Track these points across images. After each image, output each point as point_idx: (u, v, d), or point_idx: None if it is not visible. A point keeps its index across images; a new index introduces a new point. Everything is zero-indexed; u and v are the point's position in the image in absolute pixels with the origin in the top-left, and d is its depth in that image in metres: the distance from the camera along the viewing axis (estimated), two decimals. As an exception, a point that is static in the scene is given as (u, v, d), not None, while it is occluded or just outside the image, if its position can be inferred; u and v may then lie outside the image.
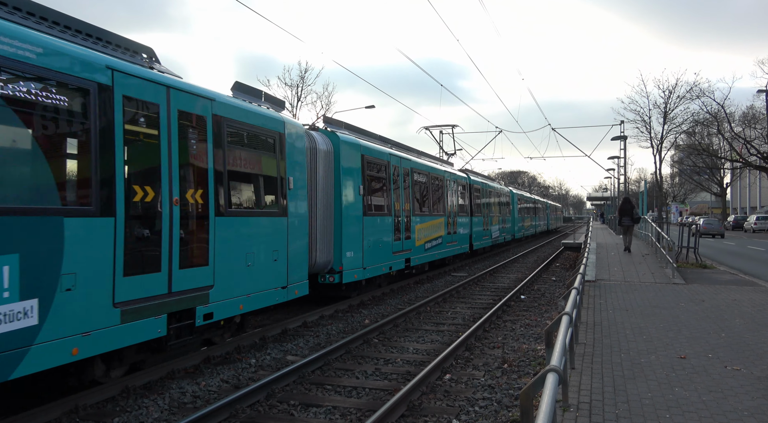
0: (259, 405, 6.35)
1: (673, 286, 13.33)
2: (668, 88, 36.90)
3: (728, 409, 5.15)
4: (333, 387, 7.05)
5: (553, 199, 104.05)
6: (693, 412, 5.11)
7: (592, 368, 6.54)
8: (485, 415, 6.05)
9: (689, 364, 6.67)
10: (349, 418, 6.03)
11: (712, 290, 12.77)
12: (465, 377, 7.42)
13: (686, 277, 14.99)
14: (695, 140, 49.57)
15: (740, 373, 6.29)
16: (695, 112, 41.24)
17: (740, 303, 11.02)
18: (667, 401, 5.38)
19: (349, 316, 11.67)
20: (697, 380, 6.05)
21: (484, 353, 8.74)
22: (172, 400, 6.46)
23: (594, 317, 9.52)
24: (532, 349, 8.85)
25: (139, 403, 6.31)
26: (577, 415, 5.04)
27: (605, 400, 5.44)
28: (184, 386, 6.91)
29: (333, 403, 6.41)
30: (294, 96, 36.27)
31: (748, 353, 7.16)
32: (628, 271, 16.26)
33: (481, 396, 6.64)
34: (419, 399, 6.52)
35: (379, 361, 8.27)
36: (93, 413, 6.02)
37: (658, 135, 36.43)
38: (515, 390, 6.79)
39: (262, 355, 8.43)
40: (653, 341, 7.82)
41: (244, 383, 7.14)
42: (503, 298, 13.27)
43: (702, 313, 9.95)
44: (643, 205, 40.49)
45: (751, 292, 12.53)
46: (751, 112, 47.08)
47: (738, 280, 14.79)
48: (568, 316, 5.43)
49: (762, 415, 5.00)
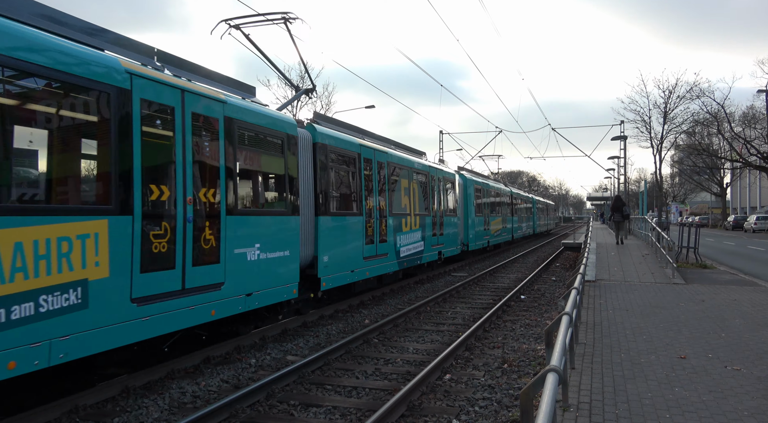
0: (259, 405, 6.35)
1: (673, 286, 13.33)
2: (668, 88, 36.98)
3: (728, 409, 5.15)
4: (333, 387, 7.05)
5: (553, 199, 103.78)
6: (693, 412, 5.11)
7: (592, 368, 6.54)
8: (485, 415, 6.05)
9: (689, 364, 6.66)
10: (349, 418, 6.03)
11: (712, 290, 12.77)
12: (465, 377, 7.42)
13: (686, 277, 14.98)
14: (695, 140, 49.54)
15: (740, 373, 6.28)
16: (695, 112, 41.28)
17: (740, 303, 11.02)
18: (667, 401, 5.38)
19: (349, 316, 11.67)
20: (697, 380, 6.05)
21: (484, 353, 8.74)
22: (172, 400, 6.46)
23: (594, 317, 9.52)
24: (532, 349, 8.85)
25: (139, 403, 6.31)
26: (577, 415, 5.04)
27: (605, 400, 5.44)
28: (184, 386, 6.91)
29: (333, 403, 6.41)
30: (294, 96, 36.27)
31: (748, 353, 7.16)
32: (628, 271, 16.26)
33: (481, 396, 6.63)
34: (419, 399, 6.52)
35: (379, 361, 8.27)
36: (93, 413, 6.02)
37: (658, 135, 36.46)
38: (515, 390, 6.79)
39: (262, 355, 8.43)
40: (653, 341, 7.82)
41: (244, 383, 7.14)
42: (503, 298, 13.27)
43: (702, 313, 9.95)
44: (643, 205, 40.50)
45: (751, 292, 12.53)
46: (751, 112, 47.06)
47: (738, 280, 14.79)
48: (568, 316, 5.43)
49: (762, 415, 4.99)
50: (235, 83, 9.28)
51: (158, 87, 6.79)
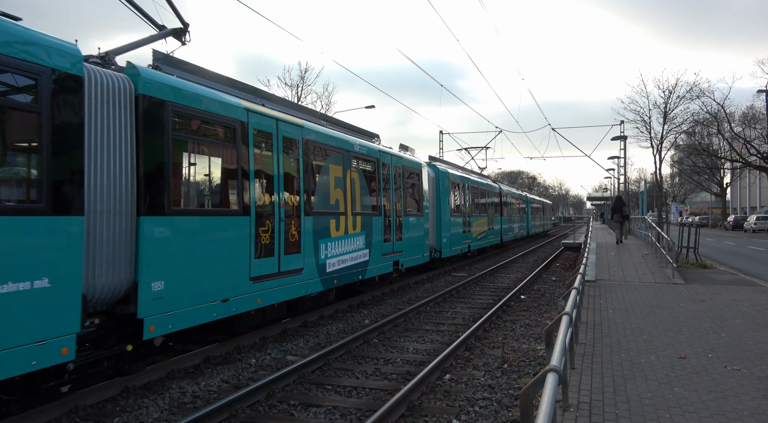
0: (259, 405, 6.35)
1: (673, 286, 13.32)
2: (668, 88, 36.61)
3: (728, 409, 5.15)
4: (333, 387, 7.05)
5: (553, 199, 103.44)
6: (693, 412, 5.10)
7: (592, 368, 6.53)
8: (485, 415, 6.05)
9: (689, 364, 6.66)
10: (349, 418, 6.03)
11: (712, 290, 12.76)
12: (465, 377, 7.41)
13: (686, 277, 14.98)
14: (695, 140, 49.51)
15: (740, 373, 6.28)
16: (695, 112, 41.12)
17: (740, 303, 11.02)
18: (667, 401, 5.38)
19: (349, 316, 11.67)
20: (697, 380, 6.04)
21: (484, 353, 8.74)
22: (172, 400, 6.46)
23: (594, 317, 9.52)
24: (532, 349, 8.85)
25: (139, 403, 6.31)
26: (577, 415, 5.04)
27: (605, 400, 5.44)
28: (184, 386, 6.91)
29: (333, 403, 6.41)
30: (294, 96, 36.16)
31: (748, 353, 7.16)
32: (628, 271, 16.26)
33: (481, 396, 6.63)
34: (419, 399, 6.51)
35: (379, 361, 8.27)
36: (93, 413, 6.02)
37: (658, 135, 36.22)
38: (515, 390, 6.78)
39: (262, 355, 8.43)
40: (653, 341, 7.82)
41: (244, 383, 7.14)
42: (503, 298, 13.26)
43: (702, 313, 9.95)
44: (643, 205, 40.49)
45: (751, 292, 12.53)
46: (751, 112, 47.04)
47: (738, 280, 14.79)
48: (568, 316, 5.43)
49: (762, 415, 4.99)
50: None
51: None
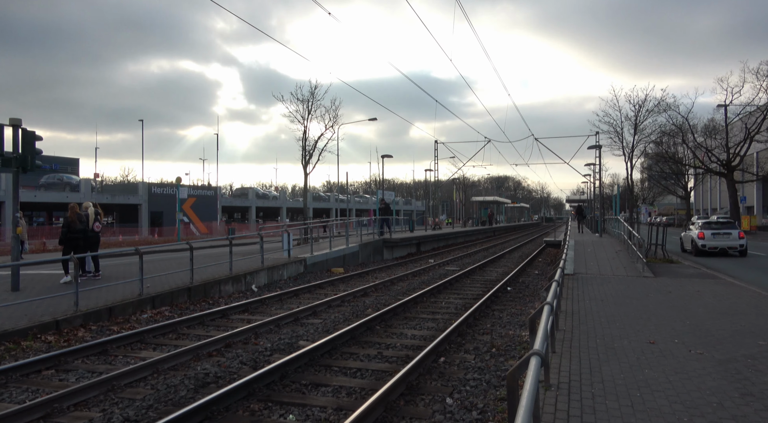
0: (274, 384, 6.35)
1: (643, 279, 13.30)
2: (638, 103, 36.72)
3: (692, 389, 5.14)
4: (340, 369, 7.04)
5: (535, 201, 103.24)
6: (661, 391, 5.10)
7: (570, 352, 6.52)
8: (476, 394, 6.04)
9: (657, 349, 6.65)
10: (354, 396, 6.03)
11: (678, 283, 12.74)
12: (458, 360, 7.41)
13: (655, 270, 14.95)
14: (662, 149, 49.39)
15: (703, 357, 6.27)
16: (662, 124, 41.11)
17: (703, 294, 10.99)
18: (638, 381, 5.37)
19: (354, 305, 11.66)
20: (665, 363, 6.04)
21: (474, 339, 8.73)
22: (197, 380, 6.46)
23: (572, 306, 9.50)
24: (517, 335, 8.84)
25: (168, 383, 6.31)
26: (558, 393, 5.04)
27: (582, 380, 5.43)
28: (207, 367, 6.91)
29: (340, 383, 6.41)
30: (305, 109, 36.26)
31: (710, 339, 7.14)
32: (602, 265, 16.23)
33: (472, 377, 6.63)
34: (417, 379, 6.51)
35: (381, 346, 8.26)
36: (128, 390, 6.03)
37: (629, 144, 36.18)
38: (503, 371, 6.78)
39: (277, 340, 8.43)
40: (625, 328, 7.80)
41: (261, 365, 7.14)
42: (491, 290, 13.25)
43: (669, 302, 9.93)
44: (616, 207, 40.46)
45: (713, 284, 12.50)
46: (711, 124, 46.94)
47: (701, 274, 14.76)
48: (550, 306, 5.42)
49: (722, 394, 4.99)
50: None
51: None
